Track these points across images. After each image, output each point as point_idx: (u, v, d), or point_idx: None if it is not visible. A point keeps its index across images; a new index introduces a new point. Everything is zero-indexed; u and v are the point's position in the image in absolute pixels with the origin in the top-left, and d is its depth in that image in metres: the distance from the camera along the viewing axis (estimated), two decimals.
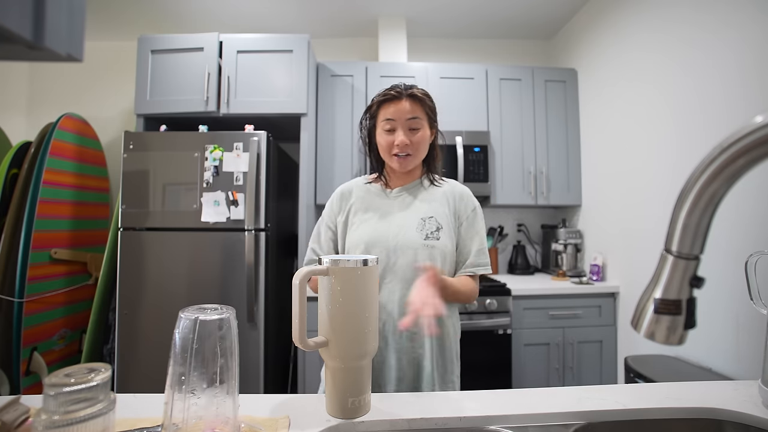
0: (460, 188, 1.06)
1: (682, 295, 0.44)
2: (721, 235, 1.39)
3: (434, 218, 0.98)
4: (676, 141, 1.68)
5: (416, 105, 0.98)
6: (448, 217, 1.00)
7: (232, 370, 0.54)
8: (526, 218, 2.74)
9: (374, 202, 1.03)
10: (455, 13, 2.53)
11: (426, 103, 1.00)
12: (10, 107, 2.67)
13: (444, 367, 0.98)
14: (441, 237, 0.96)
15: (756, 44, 1.34)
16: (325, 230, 1.04)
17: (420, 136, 0.98)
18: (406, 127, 0.97)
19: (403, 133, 0.96)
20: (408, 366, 0.94)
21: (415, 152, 0.98)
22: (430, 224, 0.98)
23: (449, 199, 1.03)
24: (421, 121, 0.98)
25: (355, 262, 0.66)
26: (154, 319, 1.82)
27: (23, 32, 0.26)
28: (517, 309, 2.00)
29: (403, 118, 0.97)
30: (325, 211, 1.07)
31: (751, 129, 0.38)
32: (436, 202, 1.02)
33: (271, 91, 2.07)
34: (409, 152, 0.97)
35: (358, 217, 1.01)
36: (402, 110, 0.97)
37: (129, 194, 1.86)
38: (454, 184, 1.07)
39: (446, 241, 0.97)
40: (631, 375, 1.54)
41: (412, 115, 0.97)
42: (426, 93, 1.01)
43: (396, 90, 0.98)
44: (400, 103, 0.97)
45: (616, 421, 0.67)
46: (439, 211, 1.00)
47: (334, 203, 1.06)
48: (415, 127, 0.97)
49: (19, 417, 0.52)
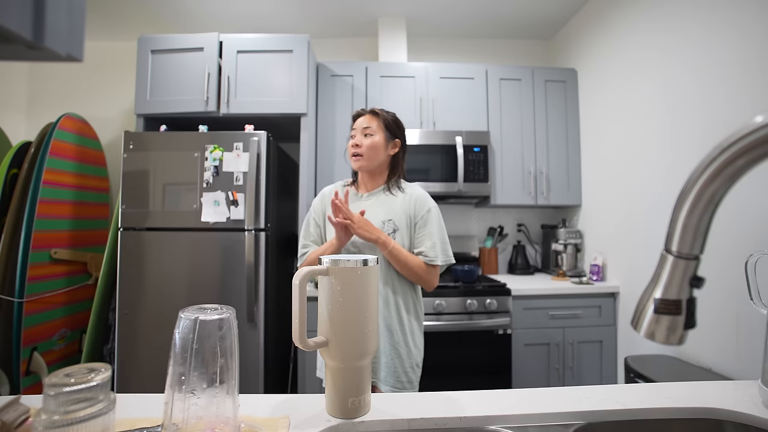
0: (418, 192, 1.24)
1: (682, 295, 0.44)
2: (721, 235, 1.39)
3: (392, 221, 1.18)
4: (676, 141, 1.68)
5: (372, 118, 1.22)
6: (404, 219, 1.19)
7: (232, 370, 0.54)
8: (526, 218, 2.74)
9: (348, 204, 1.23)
10: (455, 13, 2.53)
11: (381, 116, 1.22)
12: (10, 107, 2.67)
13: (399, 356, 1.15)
14: (396, 237, 1.16)
15: (757, 43, 1.34)
16: (314, 224, 1.27)
17: (371, 141, 1.19)
18: (362, 134, 1.20)
19: (358, 138, 1.20)
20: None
21: (366, 153, 1.19)
22: (388, 226, 1.18)
23: (407, 204, 1.21)
24: (374, 130, 1.20)
25: (355, 262, 0.66)
26: (154, 319, 1.82)
27: (23, 32, 0.26)
28: (517, 309, 2.00)
29: (360, 127, 1.21)
30: (313, 207, 1.29)
31: (751, 129, 0.38)
32: (396, 206, 1.20)
33: (271, 91, 2.07)
34: (360, 152, 1.19)
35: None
36: (361, 122, 1.22)
37: (129, 194, 1.86)
38: (414, 189, 1.25)
39: (401, 241, 1.17)
40: (631, 375, 1.54)
41: (367, 124, 1.21)
42: (386, 111, 1.25)
43: (362, 109, 1.26)
44: (362, 117, 1.23)
45: (616, 421, 0.67)
46: (397, 215, 1.19)
47: (317, 202, 1.29)
48: (369, 133, 1.20)
49: (19, 417, 0.52)
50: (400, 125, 1.26)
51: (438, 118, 2.35)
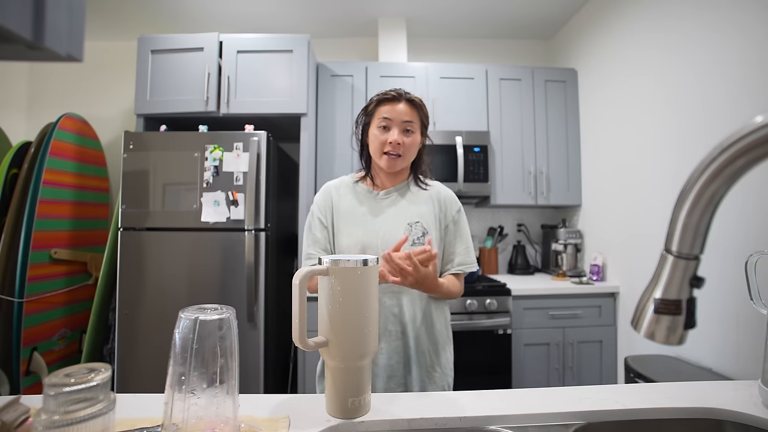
0: (445, 191, 1.09)
1: (682, 295, 0.44)
2: (721, 235, 1.39)
3: (420, 223, 1.01)
4: (676, 140, 1.68)
5: (413, 110, 1.01)
6: (433, 220, 1.02)
7: (232, 370, 0.54)
8: (526, 218, 2.74)
9: (362, 204, 1.04)
10: (455, 13, 2.53)
11: (422, 110, 1.04)
12: (10, 107, 2.67)
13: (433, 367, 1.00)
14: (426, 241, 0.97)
15: (758, 42, 1.33)
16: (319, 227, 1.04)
17: (412, 139, 1.01)
18: (402, 128, 0.99)
19: (397, 133, 0.98)
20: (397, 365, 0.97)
21: (405, 154, 1.00)
22: (416, 230, 1.00)
23: (434, 202, 1.05)
24: (415, 125, 1.01)
25: (355, 262, 0.66)
26: (154, 319, 1.82)
27: (23, 32, 0.26)
28: (517, 309, 2.00)
29: (399, 119, 0.99)
30: (316, 205, 1.06)
31: (751, 129, 0.38)
32: (423, 205, 1.03)
33: (271, 91, 2.07)
34: (399, 152, 0.99)
35: (346, 221, 1.02)
36: (399, 111, 0.99)
37: (129, 194, 1.86)
38: (439, 186, 1.10)
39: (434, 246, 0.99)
40: (631, 375, 1.54)
41: (408, 118, 0.99)
42: (422, 102, 1.05)
43: (396, 92, 1.01)
44: (398, 105, 1.00)
45: (616, 421, 0.67)
46: (425, 215, 1.02)
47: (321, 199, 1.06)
48: (410, 129, 1.00)
49: (19, 417, 0.52)
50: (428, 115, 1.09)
51: (438, 118, 2.35)
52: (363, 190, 1.07)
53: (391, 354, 0.97)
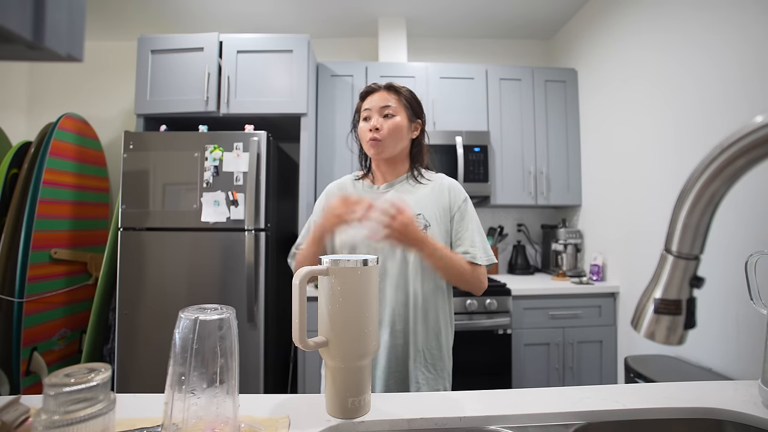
0: (449, 181, 1.06)
1: (682, 295, 0.44)
2: (721, 235, 1.39)
3: (422, 215, 0.98)
4: (676, 141, 1.68)
5: (391, 95, 1.02)
6: (437, 212, 1.00)
7: (232, 370, 0.54)
8: (526, 218, 2.74)
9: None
10: (455, 13, 2.53)
11: (402, 93, 1.03)
12: (10, 107, 2.67)
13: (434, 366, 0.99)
14: (428, 235, 0.94)
15: (757, 44, 1.34)
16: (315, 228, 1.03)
17: (392, 122, 0.99)
18: (380, 114, 1.00)
19: (376, 120, 0.99)
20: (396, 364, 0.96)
21: (386, 137, 0.99)
22: (418, 222, 0.96)
23: (438, 194, 1.02)
24: (395, 108, 1.00)
25: (355, 262, 0.66)
26: (154, 319, 1.82)
27: (23, 32, 0.26)
28: (517, 309, 2.00)
29: (378, 106, 1.00)
30: (317, 209, 1.08)
31: (751, 129, 0.38)
32: (424, 198, 1.01)
33: (271, 91, 2.07)
34: (379, 136, 0.98)
35: None
36: (377, 100, 1.01)
37: (129, 194, 1.86)
38: (442, 177, 1.07)
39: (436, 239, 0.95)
40: (631, 375, 1.54)
41: (385, 103, 1.00)
42: (405, 88, 1.05)
43: (375, 84, 1.04)
44: (376, 94, 1.02)
45: (616, 421, 0.67)
46: (427, 208, 0.99)
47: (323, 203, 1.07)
48: (389, 113, 1.00)
49: (19, 417, 0.52)
50: (420, 102, 1.07)
51: (438, 118, 2.35)
52: (363, 186, 1.08)
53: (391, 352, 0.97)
